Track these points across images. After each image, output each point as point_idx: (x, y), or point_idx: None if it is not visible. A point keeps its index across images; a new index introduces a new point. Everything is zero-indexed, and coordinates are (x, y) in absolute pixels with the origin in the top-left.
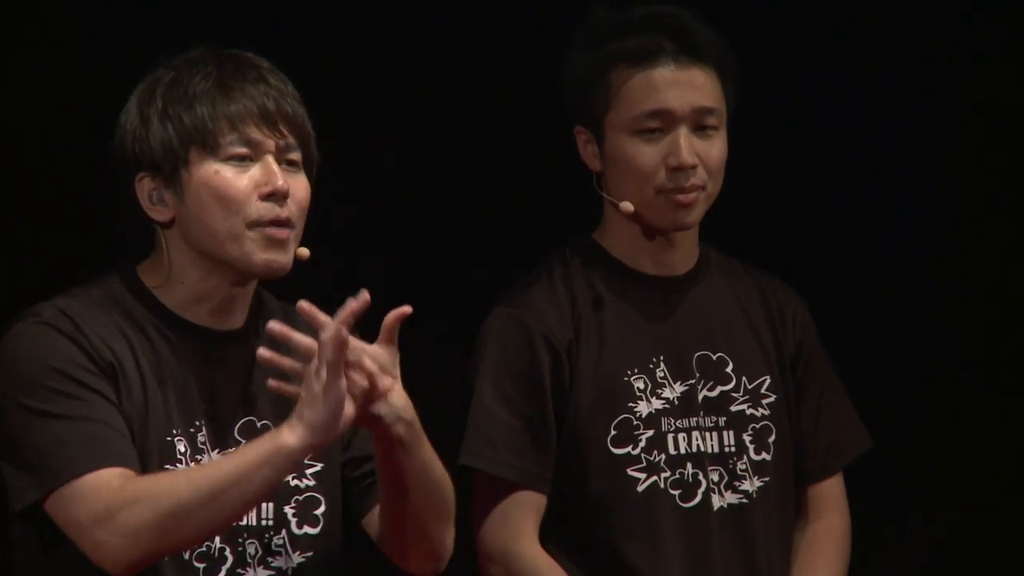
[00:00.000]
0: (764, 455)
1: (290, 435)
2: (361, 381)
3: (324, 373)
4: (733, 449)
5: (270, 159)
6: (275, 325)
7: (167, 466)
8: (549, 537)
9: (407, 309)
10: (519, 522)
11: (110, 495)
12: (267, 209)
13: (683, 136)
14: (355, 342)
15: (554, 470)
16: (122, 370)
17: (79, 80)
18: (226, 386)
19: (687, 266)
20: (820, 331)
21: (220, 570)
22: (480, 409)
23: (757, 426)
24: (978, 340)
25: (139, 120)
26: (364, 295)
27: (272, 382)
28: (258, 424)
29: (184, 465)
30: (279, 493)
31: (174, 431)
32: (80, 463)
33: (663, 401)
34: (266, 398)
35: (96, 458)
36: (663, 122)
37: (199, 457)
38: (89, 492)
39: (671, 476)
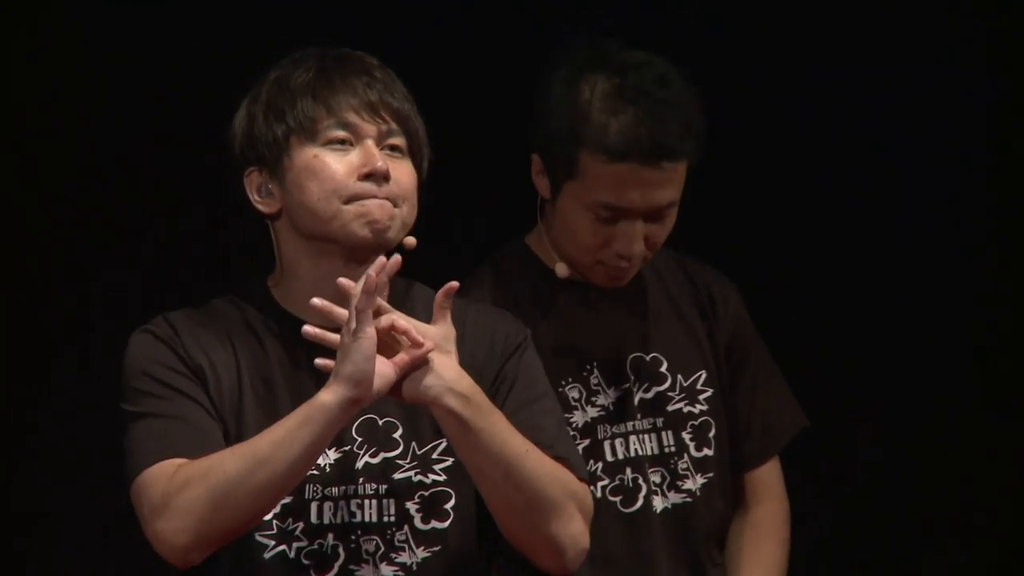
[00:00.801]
0: (706, 450)
1: (325, 392)
2: (400, 341)
3: (354, 323)
4: (673, 449)
5: (370, 143)
6: (317, 301)
7: None
8: (491, 555)
9: (455, 284)
10: None
11: (165, 483)
12: (366, 187)
13: (636, 228)
14: (400, 315)
15: None
16: (215, 375)
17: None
18: None
19: None
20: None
21: (332, 567)
22: None
23: (696, 423)
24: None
25: (246, 119)
26: (397, 257)
27: (319, 360)
28: (380, 422)
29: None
30: (402, 490)
31: None
32: (146, 458)
33: (598, 408)
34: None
35: (159, 452)
36: (620, 214)
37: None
38: (149, 484)
39: (610, 483)
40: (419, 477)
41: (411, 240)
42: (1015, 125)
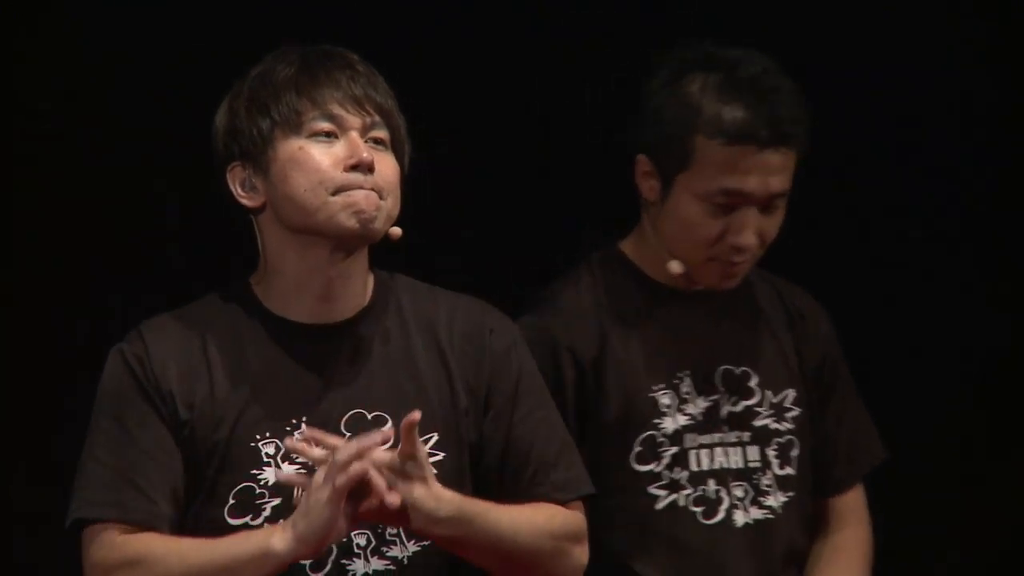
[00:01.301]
0: (788, 469)
1: (280, 541)
2: (370, 502)
3: (326, 493)
4: (758, 464)
5: (354, 135)
6: (294, 443)
7: (254, 471)
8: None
9: (416, 415)
10: None
11: (107, 552)
12: (352, 178)
13: (751, 217)
14: (373, 452)
15: None
16: (187, 392)
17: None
18: (333, 380)
19: None
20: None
21: (326, 563)
22: None
23: (781, 440)
24: None
25: (228, 114)
26: (387, 431)
27: (278, 472)
28: (369, 416)
29: (273, 467)
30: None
31: (258, 436)
32: (93, 508)
33: (687, 417)
34: (381, 388)
35: (106, 509)
36: (735, 201)
37: (295, 455)
38: (92, 543)
39: (693, 493)
40: None
41: (397, 231)
42: (1016, 126)
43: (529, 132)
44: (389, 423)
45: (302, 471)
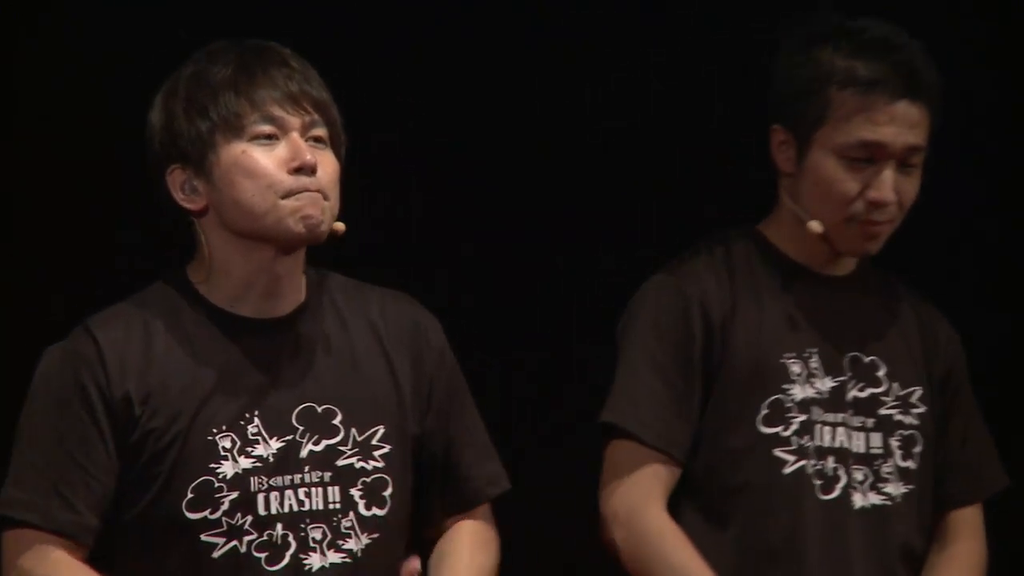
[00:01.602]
0: (910, 463)
1: None
2: None
3: None
4: (880, 451)
5: (295, 136)
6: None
7: (212, 465)
8: (680, 509)
9: (416, 566)
10: (650, 486)
11: (25, 558)
12: (297, 181)
13: (889, 173)
14: None
15: (692, 443)
16: (142, 388)
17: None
18: (281, 374)
19: (847, 270)
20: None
21: (284, 557)
22: (628, 371)
23: (905, 433)
24: None
25: (165, 115)
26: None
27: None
28: (319, 409)
29: (231, 461)
30: (346, 476)
31: (215, 430)
32: (16, 509)
33: (815, 391)
34: (328, 382)
35: (30, 515)
36: (873, 154)
37: (251, 449)
38: (9, 549)
39: (815, 465)
40: (361, 463)
41: (340, 226)
42: (1017, 126)
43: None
44: (338, 416)
45: (258, 464)
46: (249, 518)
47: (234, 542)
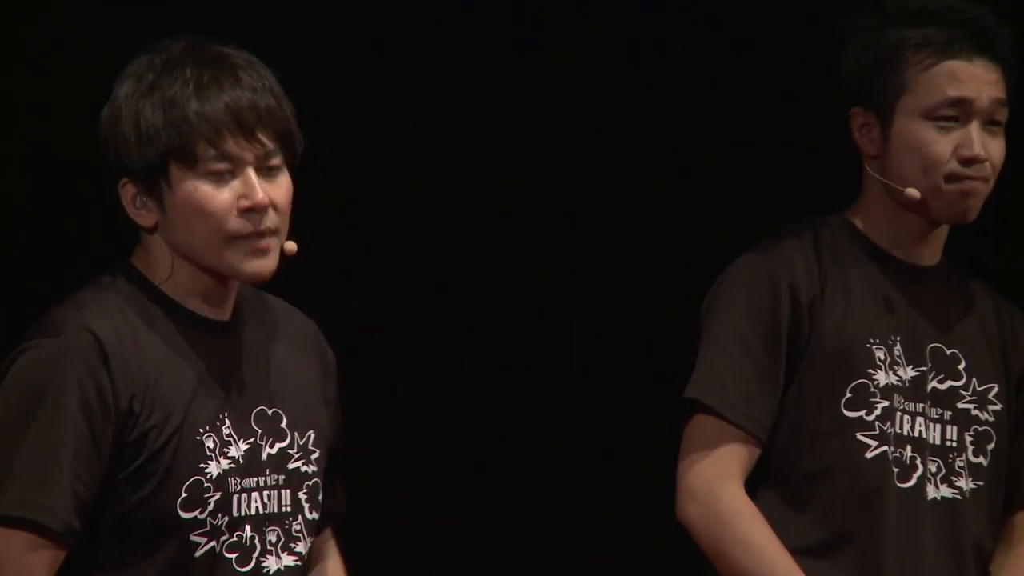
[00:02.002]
0: (981, 459)
1: None
2: None
3: None
4: (954, 444)
5: (250, 171)
6: None
7: (201, 464)
8: (758, 489)
9: None
10: (728, 463)
11: (29, 559)
12: (246, 224)
13: (975, 129)
14: None
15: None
16: (141, 391)
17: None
18: (236, 376)
19: (933, 261)
20: None
21: (251, 559)
22: (714, 347)
23: (980, 428)
24: None
25: (120, 126)
26: None
27: None
28: (269, 412)
29: (215, 461)
30: (294, 479)
31: (200, 429)
32: (15, 508)
33: (898, 379)
34: (273, 386)
35: (27, 508)
36: (960, 112)
37: (227, 450)
38: (7, 541)
39: (895, 452)
40: (304, 467)
41: (291, 246)
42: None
43: None
44: (284, 420)
45: (233, 467)
46: (226, 519)
47: (213, 542)
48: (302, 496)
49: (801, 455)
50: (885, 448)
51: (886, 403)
